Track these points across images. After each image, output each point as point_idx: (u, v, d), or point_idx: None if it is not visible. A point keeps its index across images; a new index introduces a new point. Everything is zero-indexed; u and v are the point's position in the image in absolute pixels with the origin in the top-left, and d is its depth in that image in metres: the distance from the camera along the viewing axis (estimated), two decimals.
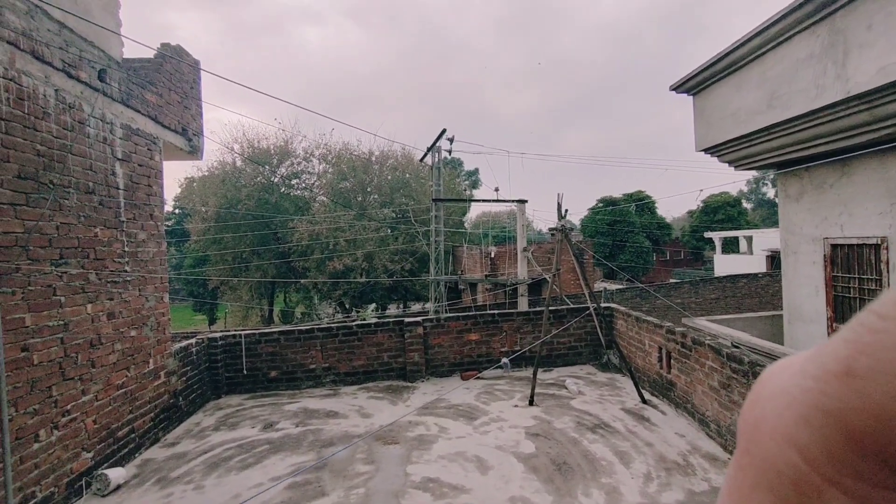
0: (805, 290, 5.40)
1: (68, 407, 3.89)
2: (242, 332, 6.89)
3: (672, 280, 26.96)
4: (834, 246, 4.98)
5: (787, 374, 0.21)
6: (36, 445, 3.56)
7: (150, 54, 5.33)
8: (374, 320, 7.73)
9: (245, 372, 6.72)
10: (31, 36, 3.60)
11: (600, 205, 34.48)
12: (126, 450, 4.56)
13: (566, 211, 6.42)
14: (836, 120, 4.19)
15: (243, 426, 5.44)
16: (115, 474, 4.10)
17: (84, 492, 3.98)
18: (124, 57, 4.87)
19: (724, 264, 25.84)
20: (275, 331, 7.09)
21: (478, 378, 6.90)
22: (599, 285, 20.39)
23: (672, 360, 5.37)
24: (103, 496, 3.98)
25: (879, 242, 4.46)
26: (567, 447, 4.51)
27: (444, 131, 13.31)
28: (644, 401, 5.60)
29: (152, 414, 5.04)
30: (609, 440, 4.61)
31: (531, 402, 5.69)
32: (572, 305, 7.94)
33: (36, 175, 3.69)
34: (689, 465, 4.10)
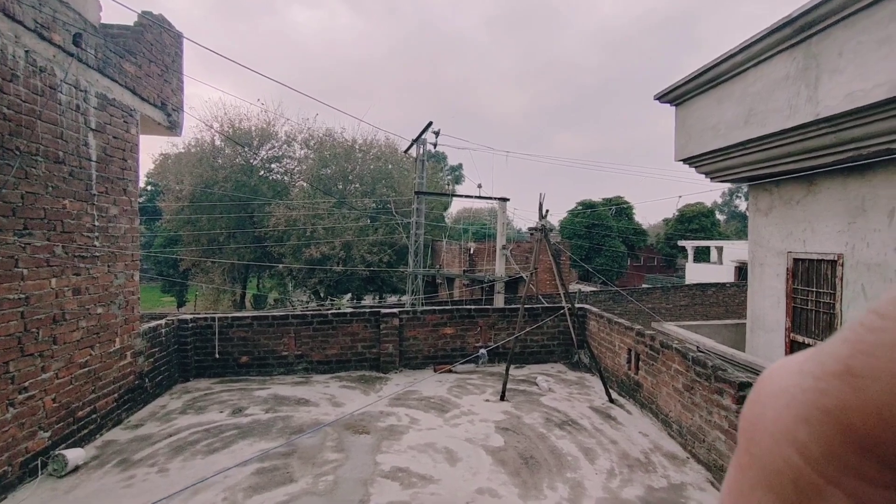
0: (768, 300, 5.65)
1: (26, 384, 3.74)
2: (215, 316, 6.74)
3: (645, 285, 27.72)
4: (796, 260, 5.23)
5: (786, 374, 0.21)
6: None
7: (131, 21, 5.12)
8: (349, 310, 7.69)
9: (217, 356, 6.59)
10: None
11: (580, 208, 35.07)
12: (86, 430, 4.42)
13: (547, 211, 6.51)
14: (806, 140, 4.39)
15: (211, 410, 5.34)
16: (74, 455, 3.97)
17: (39, 472, 3.85)
18: (102, 22, 4.66)
19: (695, 272, 26.72)
20: (248, 315, 6.97)
21: (451, 371, 6.96)
22: (574, 287, 20.79)
23: (640, 362, 5.55)
24: (60, 477, 3.85)
25: (836, 259, 4.72)
26: (535, 442, 4.62)
27: (430, 123, 13.27)
28: (611, 400, 5.78)
29: (116, 395, 4.89)
30: (576, 437, 4.75)
31: (502, 398, 5.78)
32: (547, 305, 8.09)
33: (0, 140, 3.51)
34: (650, 462, 4.26)
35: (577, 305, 7.50)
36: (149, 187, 34.38)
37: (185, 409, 5.41)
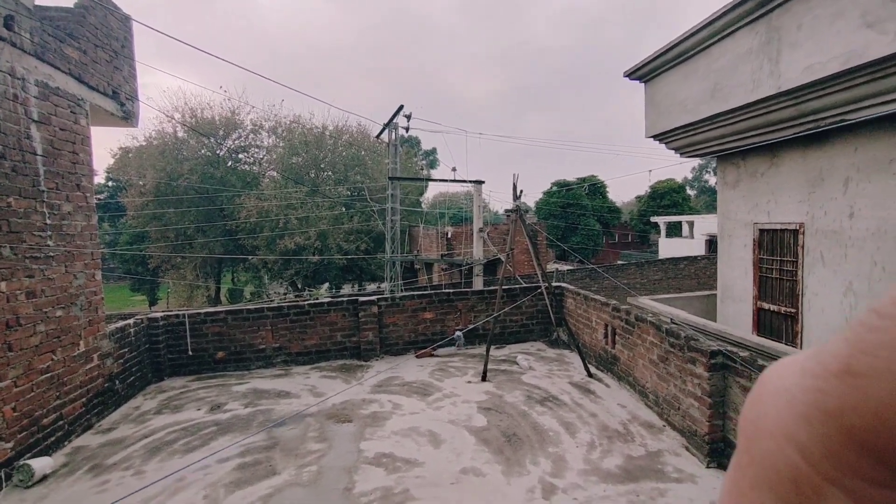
0: (737, 271, 5.84)
1: None
2: (186, 312, 6.53)
3: (619, 262, 28.37)
4: (762, 230, 5.40)
5: (787, 374, 0.21)
6: None
7: (71, 3, 4.76)
8: (327, 299, 7.58)
9: (190, 353, 6.41)
10: None
11: (554, 188, 35.39)
12: (53, 438, 4.24)
13: (521, 192, 6.51)
14: (769, 113, 4.49)
15: (188, 409, 5.21)
16: (40, 464, 3.81)
17: (4, 484, 3.68)
18: (37, 4, 4.31)
19: (668, 247, 27.48)
20: (221, 310, 6.78)
21: (432, 356, 6.98)
22: (551, 266, 21.10)
23: (616, 336, 5.68)
24: (27, 487, 3.69)
25: (797, 228, 4.89)
26: (517, 420, 4.69)
27: (401, 107, 13.03)
28: (590, 375, 5.91)
29: (84, 399, 4.70)
30: (556, 412, 4.84)
31: (484, 378, 5.84)
32: (525, 285, 8.17)
33: None
34: (628, 432, 4.39)
35: (554, 284, 7.60)
36: (110, 183, 32.86)
37: (161, 408, 5.25)
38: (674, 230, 30.50)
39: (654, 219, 32.30)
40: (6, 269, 3.81)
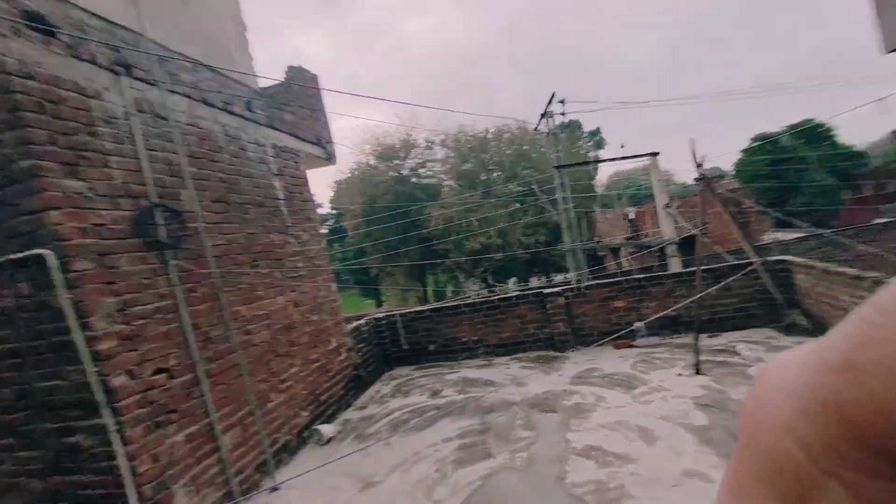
0: None
1: (283, 377, 4.90)
2: (397, 312, 7.70)
3: (879, 220, 21.27)
4: None
5: (787, 368, 0.21)
6: (270, 404, 4.60)
7: (268, 74, 6.15)
8: (514, 293, 7.90)
9: (406, 347, 7.52)
10: (197, 86, 4.38)
11: (757, 144, 28.71)
12: (329, 412, 5.56)
13: (703, 157, 5.58)
14: None
15: (414, 394, 6.14)
16: (326, 429, 5.07)
17: (307, 442, 5.01)
18: (260, 86, 5.72)
19: None
20: (426, 309, 7.76)
21: (632, 346, 6.55)
22: (770, 236, 17.26)
23: None
24: (321, 445, 4.95)
25: None
26: None
27: (553, 95, 12.63)
28: None
29: (342, 383, 6.02)
30: None
31: (697, 371, 5.20)
32: (735, 262, 6.92)
33: (224, 197, 4.49)
34: None
35: (774, 258, 6.25)
36: (333, 210, 40.65)
37: (394, 393, 6.32)
38: None
39: None
40: (279, 287, 5.16)
